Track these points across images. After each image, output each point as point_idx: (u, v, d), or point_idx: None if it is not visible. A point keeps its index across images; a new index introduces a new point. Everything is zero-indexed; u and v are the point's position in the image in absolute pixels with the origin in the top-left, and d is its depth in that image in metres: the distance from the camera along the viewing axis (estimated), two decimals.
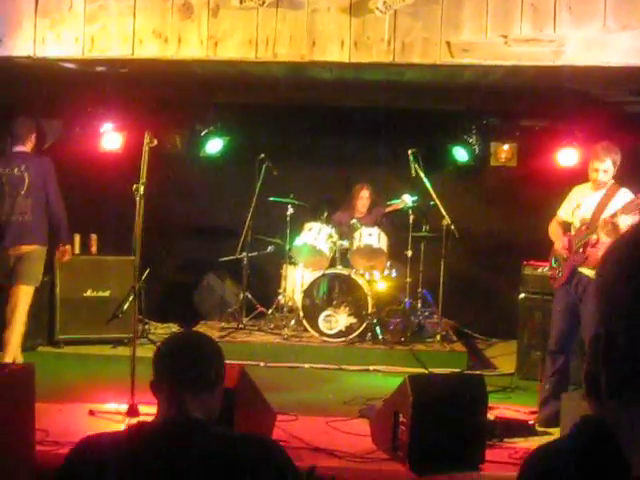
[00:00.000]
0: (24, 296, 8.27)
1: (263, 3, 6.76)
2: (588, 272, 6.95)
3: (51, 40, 7.05)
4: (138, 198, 6.78)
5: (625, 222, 6.64)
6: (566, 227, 7.35)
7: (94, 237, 10.29)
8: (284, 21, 6.89)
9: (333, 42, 6.91)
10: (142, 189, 6.76)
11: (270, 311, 10.33)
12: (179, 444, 2.89)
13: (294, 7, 6.88)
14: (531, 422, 6.94)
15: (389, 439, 5.91)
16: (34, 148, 8.60)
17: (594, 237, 6.86)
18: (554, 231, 7.45)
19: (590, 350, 2.83)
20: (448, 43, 6.87)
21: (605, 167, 6.90)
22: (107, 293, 10.06)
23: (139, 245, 6.87)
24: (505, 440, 6.43)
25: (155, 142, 6.92)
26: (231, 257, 10.39)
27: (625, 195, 6.83)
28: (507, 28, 6.86)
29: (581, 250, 6.94)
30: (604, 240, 6.84)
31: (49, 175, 8.37)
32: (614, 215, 6.64)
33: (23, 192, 8.23)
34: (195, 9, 6.95)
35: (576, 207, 7.17)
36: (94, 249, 10.32)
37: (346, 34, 6.88)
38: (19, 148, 8.36)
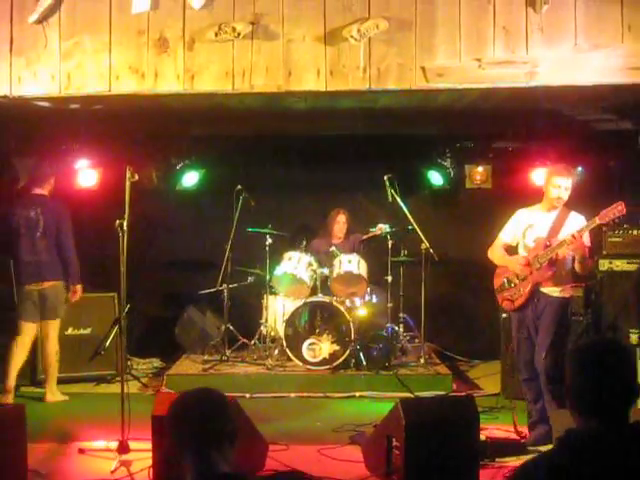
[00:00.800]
0: (54, 330, 9.06)
1: (238, 35, 6.80)
2: (548, 290, 6.98)
3: (27, 79, 7.04)
4: (121, 234, 6.76)
5: (586, 238, 6.76)
6: (510, 250, 7.37)
7: None
8: (260, 52, 6.93)
9: (309, 71, 6.95)
10: (125, 225, 6.74)
11: (253, 342, 10.30)
12: None
13: (269, 38, 6.92)
14: (523, 441, 6.95)
15: (383, 464, 5.93)
16: (52, 191, 9.10)
17: (560, 254, 6.87)
18: (501, 254, 7.49)
19: (568, 366, 2.87)
20: (423, 68, 6.93)
21: (567, 184, 6.99)
22: (88, 330, 10.00)
23: (124, 280, 6.84)
24: (497, 460, 6.46)
25: (136, 177, 6.91)
26: (211, 289, 10.37)
27: (576, 218, 6.98)
28: (480, 51, 6.93)
29: (545, 266, 6.94)
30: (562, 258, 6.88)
31: (62, 218, 8.96)
32: (581, 231, 6.71)
33: (39, 233, 8.84)
34: (170, 43, 6.96)
35: (528, 227, 7.21)
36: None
37: (322, 63, 6.93)
38: (37, 191, 9.03)
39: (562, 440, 2.73)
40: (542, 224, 7.08)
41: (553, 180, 7.07)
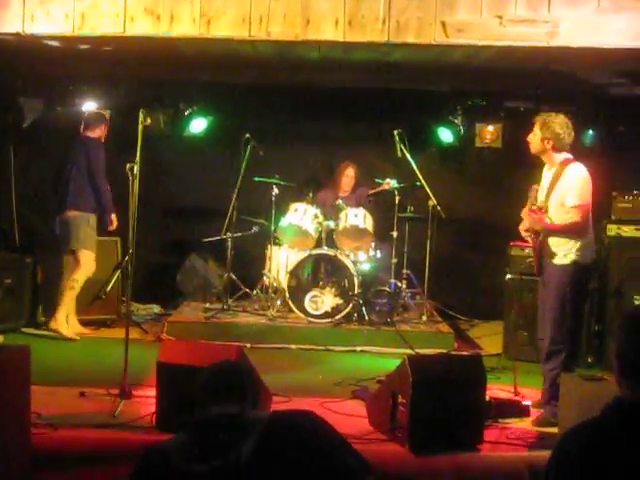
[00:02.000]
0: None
1: None
2: (548, 258, 6.75)
3: (40, 17, 6.93)
4: (132, 178, 6.69)
5: (553, 199, 6.61)
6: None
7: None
8: None
9: (327, 21, 6.85)
10: (136, 169, 6.66)
11: (255, 292, 10.29)
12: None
13: None
14: (526, 403, 6.92)
15: (388, 420, 5.91)
16: (102, 136, 9.57)
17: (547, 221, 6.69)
18: (522, 214, 7.23)
19: (619, 332, 2.82)
20: (443, 23, 6.83)
21: (530, 136, 6.82)
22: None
23: (134, 225, 6.77)
24: (500, 421, 6.46)
25: (149, 121, 6.83)
26: (215, 238, 10.31)
27: (570, 171, 6.62)
28: (502, 8, 6.83)
29: (536, 238, 6.77)
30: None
31: (93, 156, 9.36)
32: (531, 205, 6.62)
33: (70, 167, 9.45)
34: None
35: (542, 189, 6.97)
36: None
37: (340, 12, 6.83)
38: (86, 133, 9.48)
39: (610, 407, 2.68)
40: (544, 184, 6.87)
41: None
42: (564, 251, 6.61)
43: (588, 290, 7.34)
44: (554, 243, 6.65)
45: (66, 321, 9.21)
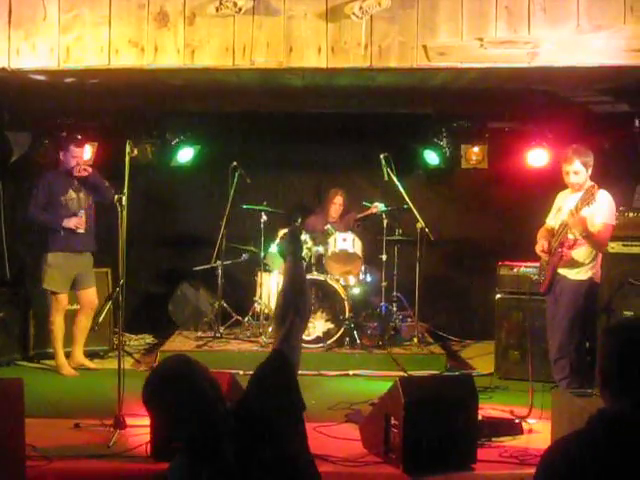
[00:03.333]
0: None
1: (239, 10, 6.72)
2: (564, 272, 7.09)
3: (26, 51, 6.95)
4: (120, 209, 6.74)
5: (585, 213, 6.79)
6: (552, 234, 7.42)
7: None
8: (261, 28, 6.86)
9: (310, 48, 6.89)
10: (124, 200, 6.71)
11: (246, 319, 10.31)
12: None
13: (271, 14, 6.85)
14: (517, 421, 6.98)
15: (381, 442, 5.92)
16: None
17: (571, 237, 6.99)
18: (538, 236, 7.53)
19: (600, 348, 2.88)
20: (424, 47, 6.88)
21: (575, 169, 7.07)
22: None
23: (123, 256, 6.81)
24: (493, 439, 6.48)
25: (135, 152, 6.88)
26: (206, 266, 10.35)
27: (600, 196, 6.92)
28: (482, 30, 6.88)
29: (559, 250, 7.06)
30: (581, 242, 6.96)
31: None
32: (577, 208, 6.77)
33: None
34: (171, 17, 6.89)
35: (557, 211, 7.34)
36: None
37: (323, 40, 6.87)
38: None
39: (594, 419, 2.73)
40: (568, 206, 7.14)
41: (562, 167, 7.24)
42: (585, 266, 7.10)
43: (598, 307, 7.65)
44: (579, 256, 7.10)
45: (66, 359, 9.22)
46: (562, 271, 7.19)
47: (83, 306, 9.29)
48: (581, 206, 6.78)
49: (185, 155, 11.14)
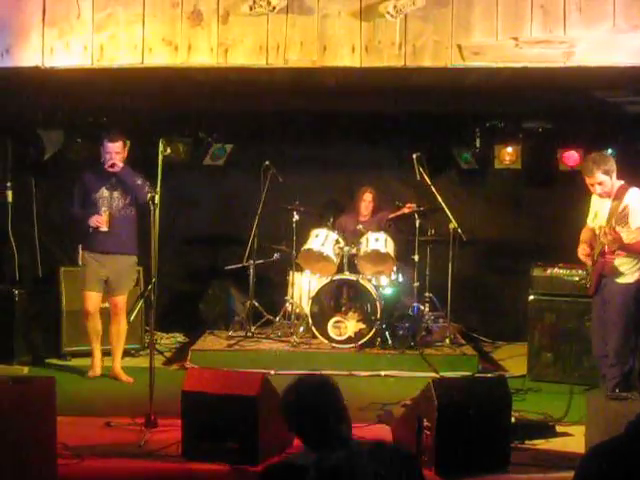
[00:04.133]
0: None
1: (273, 9, 6.72)
2: (610, 278, 7.02)
3: (59, 50, 6.99)
4: (153, 208, 6.74)
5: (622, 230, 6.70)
6: (594, 235, 7.34)
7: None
8: (294, 27, 6.87)
9: (344, 47, 6.89)
10: (157, 198, 6.72)
11: (278, 319, 10.28)
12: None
13: (304, 12, 6.85)
14: (551, 423, 6.92)
15: (413, 444, 5.88)
16: None
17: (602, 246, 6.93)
18: (581, 238, 7.46)
19: None
20: (459, 46, 6.86)
21: (598, 180, 6.99)
22: None
23: (156, 255, 6.82)
24: (526, 442, 6.42)
25: (169, 150, 6.88)
26: (237, 265, 10.35)
27: (632, 197, 6.84)
28: (517, 30, 6.85)
29: (601, 260, 7.00)
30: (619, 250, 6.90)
31: None
32: (611, 226, 6.68)
33: None
34: (205, 16, 6.91)
35: (594, 216, 7.26)
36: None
37: (357, 39, 6.86)
38: None
39: (631, 425, 2.69)
40: (604, 211, 7.08)
41: (586, 180, 7.15)
42: (629, 270, 6.99)
43: None
44: (620, 263, 6.98)
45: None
46: (609, 277, 7.11)
47: (111, 313, 8.97)
48: (615, 224, 6.68)
49: (218, 154, 11.15)
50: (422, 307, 10.17)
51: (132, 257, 8.92)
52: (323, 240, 9.87)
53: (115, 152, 8.60)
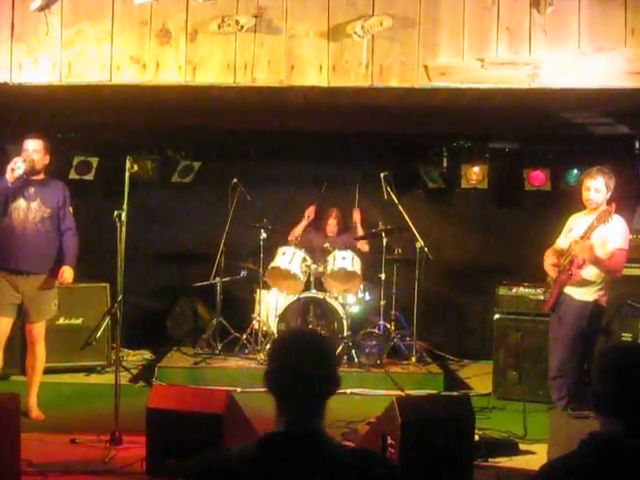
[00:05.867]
0: None
1: (241, 28, 6.76)
2: (570, 291, 7.08)
3: (28, 66, 6.98)
4: (119, 225, 6.74)
5: (597, 238, 6.77)
6: (560, 254, 7.41)
7: None
8: (262, 46, 6.90)
9: (312, 66, 6.91)
10: (124, 215, 6.72)
11: (245, 336, 10.26)
12: (311, 459, 2.75)
13: (272, 32, 6.89)
14: (514, 441, 6.98)
15: None
16: None
17: (580, 257, 6.97)
18: (545, 255, 7.54)
19: (595, 370, 2.88)
20: (425, 66, 6.91)
21: (596, 185, 7.05)
22: (79, 321, 9.97)
23: (122, 271, 6.82)
24: (489, 460, 6.47)
25: (135, 167, 6.89)
26: (204, 283, 10.35)
27: (617, 221, 6.93)
28: (483, 51, 6.91)
29: (568, 268, 7.06)
30: (581, 260, 6.96)
31: None
32: (585, 234, 6.77)
33: None
34: (173, 34, 6.92)
35: (569, 231, 7.33)
36: None
37: (324, 58, 6.90)
38: None
39: (586, 442, 2.73)
40: (580, 227, 7.14)
41: (584, 183, 7.21)
42: (593, 287, 7.09)
43: (601, 329, 7.60)
44: (589, 275, 7.07)
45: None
46: (568, 290, 7.17)
47: (27, 342, 8.02)
48: (597, 224, 6.74)
49: (185, 171, 11.17)
50: (388, 325, 10.19)
51: (47, 278, 7.80)
52: (290, 258, 9.89)
53: (33, 150, 7.73)
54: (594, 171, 7.13)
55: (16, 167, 7.41)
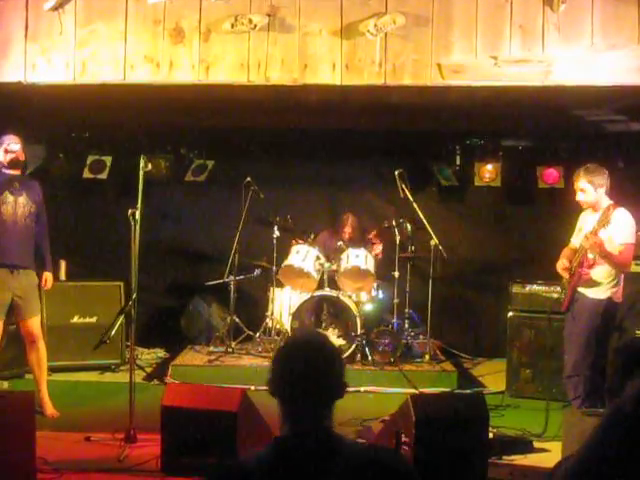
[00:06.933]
0: None
1: (254, 27, 6.77)
2: (583, 290, 7.07)
3: (42, 66, 7.00)
4: (133, 223, 6.76)
5: (603, 236, 6.76)
6: (574, 253, 7.40)
7: (62, 263, 10.01)
8: (275, 44, 6.90)
9: (325, 65, 6.92)
10: (137, 214, 6.74)
11: (258, 334, 10.29)
12: (326, 459, 2.71)
13: (285, 30, 6.89)
14: (528, 439, 6.97)
15: None
16: None
17: (590, 257, 6.96)
18: (561, 255, 7.51)
19: (610, 366, 2.89)
20: (439, 64, 6.90)
21: (581, 186, 7.07)
22: (94, 319, 9.99)
23: (136, 270, 6.84)
24: (504, 458, 6.46)
25: (149, 166, 6.90)
26: (218, 281, 10.36)
27: (618, 215, 6.90)
28: (496, 49, 6.90)
29: (578, 270, 7.05)
30: (601, 262, 6.94)
31: None
32: (593, 231, 6.75)
33: None
34: (186, 33, 6.93)
35: (578, 231, 7.33)
36: (62, 275, 10.06)
37: (337, 57, 6.90)
38: None
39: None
40: (588, 225, 7.13)
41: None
42: (604, 284, 7.06)
43: (615, 326, 7.59)
44: (598, 275, 7.06)
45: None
46: (581, 290, 7.16)
47: (26, 340, 7.91)
48: (598, 228, 6.75)
49: (199, 170, 11.19)
50: (402, 323, 10.19)
51: (34, 273, 7.87)
52: (304, 256, 9.89)
53: (15, 142, 7.70)
54: (577, 172, 7.15)
55: (9, 148, 7.61)
